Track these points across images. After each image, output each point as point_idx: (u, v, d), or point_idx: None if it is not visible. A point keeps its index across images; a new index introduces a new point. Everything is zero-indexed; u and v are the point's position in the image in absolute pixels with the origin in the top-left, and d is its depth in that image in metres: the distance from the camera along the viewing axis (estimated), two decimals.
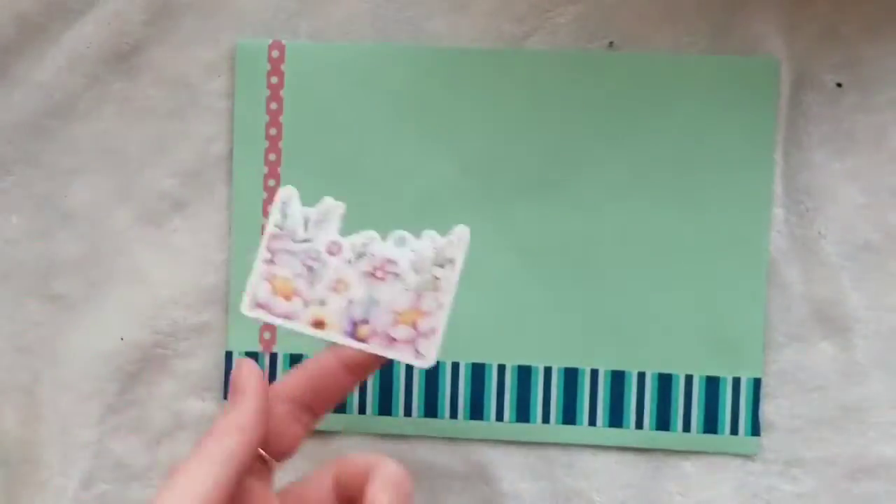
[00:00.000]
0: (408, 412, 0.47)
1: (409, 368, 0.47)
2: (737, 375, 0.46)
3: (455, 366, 0.47)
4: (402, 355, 0.41)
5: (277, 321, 0.41)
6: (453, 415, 0.47)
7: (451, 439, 0.47)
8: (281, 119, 0.47)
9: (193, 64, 0.47)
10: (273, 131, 0.47)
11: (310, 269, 0.42)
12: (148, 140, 0.47)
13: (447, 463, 0.47)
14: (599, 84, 0.46)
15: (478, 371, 0.47)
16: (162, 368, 0.47)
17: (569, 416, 0.46)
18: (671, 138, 0.46)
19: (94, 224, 0.47)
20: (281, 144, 0.47)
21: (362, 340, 0.41)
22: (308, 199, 0.42)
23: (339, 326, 0.41)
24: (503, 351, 0.47)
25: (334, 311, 0.41)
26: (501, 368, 0.47)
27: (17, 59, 0.47)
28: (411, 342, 0.41)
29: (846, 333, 0.46)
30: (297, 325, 0.41)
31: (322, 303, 0.41)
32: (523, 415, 0.47)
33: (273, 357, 0.47)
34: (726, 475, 0.46)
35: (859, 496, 0.46)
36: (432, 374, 0.47)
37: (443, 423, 0.47)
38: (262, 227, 0.45)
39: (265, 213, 0.47)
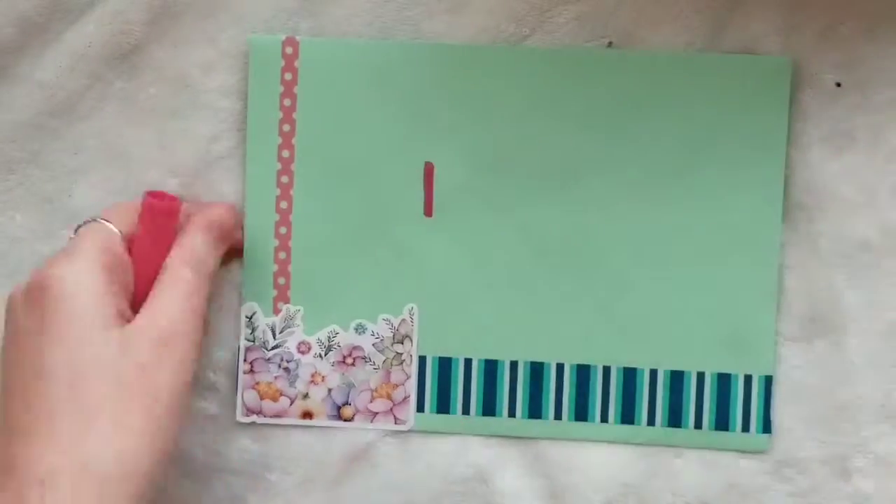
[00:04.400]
0: (420, 408, 0.47)
1: (423, 366, 0.47)
2: (748, 373, 0.46)
3: (468, 362, 0.47)
4: (384, 424, 0.47)
5: (271, 421, 0.47)
6: (465, 411, 0.47)
7: (452, 437, 0.47)
8: (294, 116, 0.47)
9: (194, 63, 0.47)
10: (286, 128, 0.47)
11: (286, 370, 0.48)
12: (149, 139, 0.48)
13: (446, 465, 0.47)
14: (611, 82, 0.46)
15: (490, 368, 0.47)
16: None
17: (581, 413, 0.47)
18: (682, 136, 0.46)
19: None
20: (294, 141, 0.47)
21: (348, 420, 0.47)
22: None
23: (325, 413, 0.47)
24: (516, 348, 0.47)
25: (318, 401, 0.47)
26: (514, 365, 0.47)
27: (18, 58, 0.47)
28: (390, 411, 0.47)
29: (840, 332, 0.46)
30: (289, 421, 0.47)
31: (305, 396, 0.47)
32: (535, 411, 0.47)
33: None
34: (718, 474, 0.47)
35: (852, 495, 0.47)
36: (445, 372, 0.47)
37: (454, 419, 0.47)
38: (275, 224, 0.46)
39: (277, 210, 0.47)
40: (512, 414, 0.47)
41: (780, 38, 0.46)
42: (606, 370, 0.47)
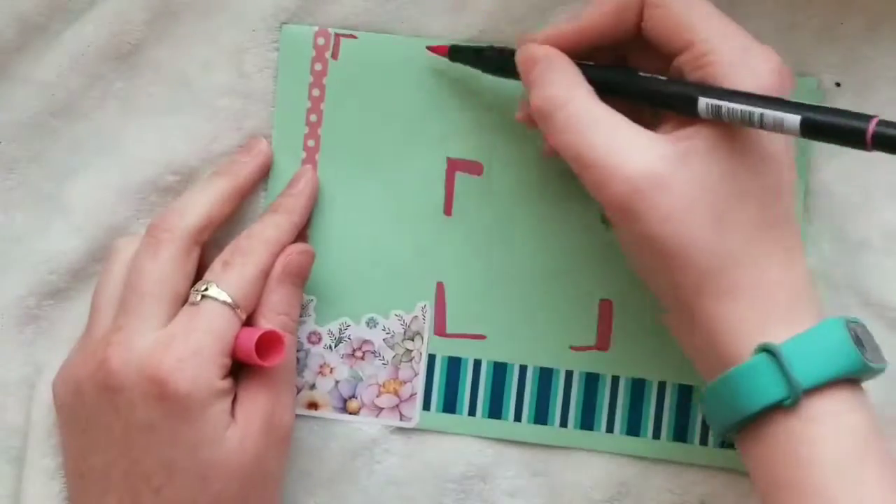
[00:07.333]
0: (426, 406, 0.48)
1: (432, 365, 0.47)
2: None
3: (477, 363, 0.47)
4: (389, 420, 0.47)
5: None
6: (472, 412, 0.47)
7: (455, 436, 0.47)
8: (322, 106, 0.47)
9: (194, 62, 0.48)
10: (314, 118, 0.47)
11: (296, 360, 0.47)
12: (150, 138, 0.48)
13: (446, 463, 0.47)
14: None
15: (499, 370, 0.47)
16: None
17: (587, 422, 0.47)
18: None
19: (96, 221, 0.48)
20: (320, 131, 0.47)
21: (353, 413, 0.47)
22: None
23: (331, 405, 0.47)
24: (526, 352, 0.47)
25: (324, 392, 0.47)
26: (523, 370, 0.47)
27: (18, 58, 0.48)
28: (396, 408, 0.47)
29: None
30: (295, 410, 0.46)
31: (312, 387, 0.47)
32: (541, 417, 0.47)
33: None
34: (718, 472, 0.47)
35: None
36: (453, 371, 0.47)
37: (460, 420, 0.47)
38: None
39: None
40: (518, 418, 0.47)
41: (779, 37, 0.46)
42: (615, 380, 0.47)
